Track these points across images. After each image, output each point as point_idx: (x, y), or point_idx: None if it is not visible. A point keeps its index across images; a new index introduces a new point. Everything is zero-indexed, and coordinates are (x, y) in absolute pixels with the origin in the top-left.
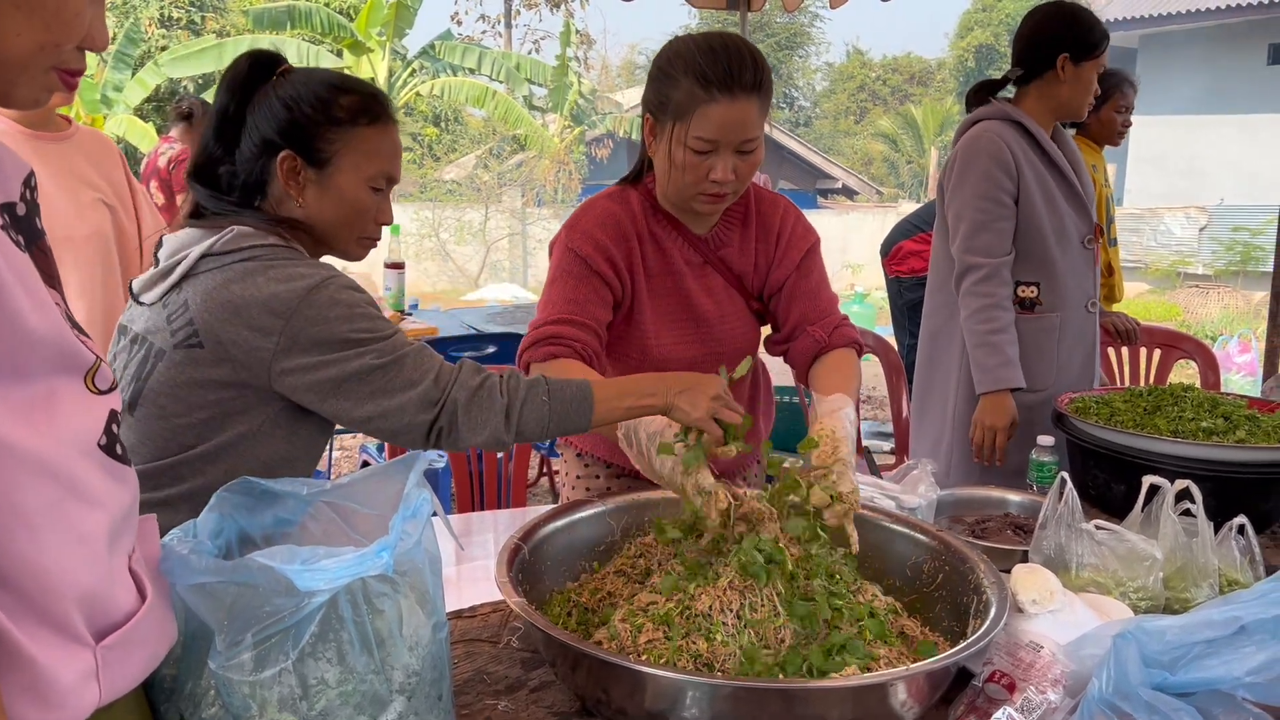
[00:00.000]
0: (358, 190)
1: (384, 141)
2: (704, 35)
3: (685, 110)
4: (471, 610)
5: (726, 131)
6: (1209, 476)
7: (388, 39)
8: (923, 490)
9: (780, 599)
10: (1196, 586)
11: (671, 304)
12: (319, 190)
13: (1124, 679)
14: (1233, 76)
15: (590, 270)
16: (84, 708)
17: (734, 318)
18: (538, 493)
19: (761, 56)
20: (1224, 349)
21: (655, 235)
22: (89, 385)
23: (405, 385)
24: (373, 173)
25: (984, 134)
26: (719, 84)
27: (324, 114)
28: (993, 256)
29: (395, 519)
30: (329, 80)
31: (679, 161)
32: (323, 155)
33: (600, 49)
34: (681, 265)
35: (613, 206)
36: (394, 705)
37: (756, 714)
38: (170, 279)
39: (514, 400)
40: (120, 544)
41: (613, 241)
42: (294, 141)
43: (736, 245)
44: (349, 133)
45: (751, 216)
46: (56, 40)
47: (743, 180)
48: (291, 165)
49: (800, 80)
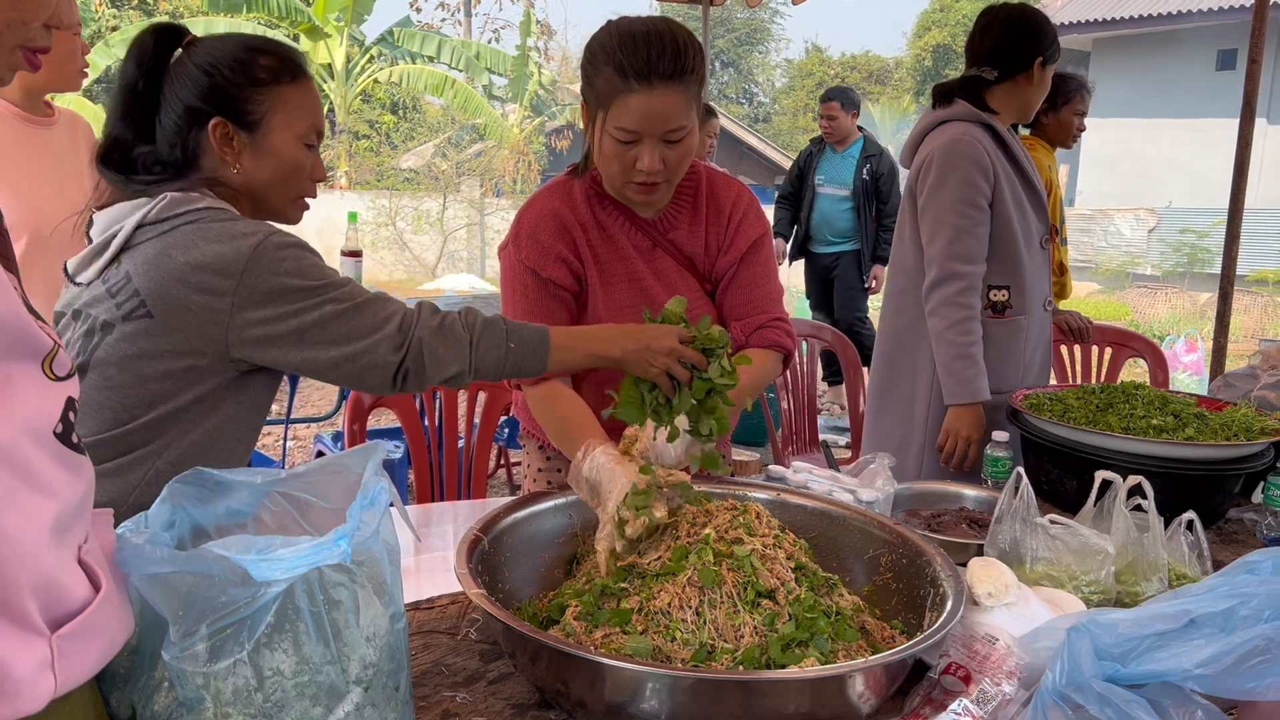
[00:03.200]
0: (292, 148)
1: (307, 97)
2: (629, 21)
3: (606, 100)
4: (430, 602)
5: (646, 122)
6: (1160, 473)
7: (345, 24)
8: (880, 484)
9: (740, 599)
10: (1147, 580)
11: (623, 291)
12: (254, 153)
13: (1077, 671)
14: (1182, 81)
15: (541, 280)
16: (39, 698)
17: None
18: (495, 484)
19: (690, 41)
20: (1171, 348)
21: (601, 222)
22: (46, 371)
23: (370, 329)
24: (303, 129)
25: (963, 138)
26: (636, 74)
27: (246, 76)
28: (974, 264)
29: (353, 508)
30: (243, 43)
31: (606, 151)
32: (252, 117)
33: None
34: (630, 250)
35: (551, 202)
36: (351, 696)
37: (715, 705)
38: (107, 254)
39: (474, 336)
40: (70, 535)
41: (556, 238)
42: (221, 107)
43: (686, 227)
44: (274, 92)
45: (702, 198)
46: (24, 17)
47: (674, 169)
48: (224, 131)
49: (760, 76)
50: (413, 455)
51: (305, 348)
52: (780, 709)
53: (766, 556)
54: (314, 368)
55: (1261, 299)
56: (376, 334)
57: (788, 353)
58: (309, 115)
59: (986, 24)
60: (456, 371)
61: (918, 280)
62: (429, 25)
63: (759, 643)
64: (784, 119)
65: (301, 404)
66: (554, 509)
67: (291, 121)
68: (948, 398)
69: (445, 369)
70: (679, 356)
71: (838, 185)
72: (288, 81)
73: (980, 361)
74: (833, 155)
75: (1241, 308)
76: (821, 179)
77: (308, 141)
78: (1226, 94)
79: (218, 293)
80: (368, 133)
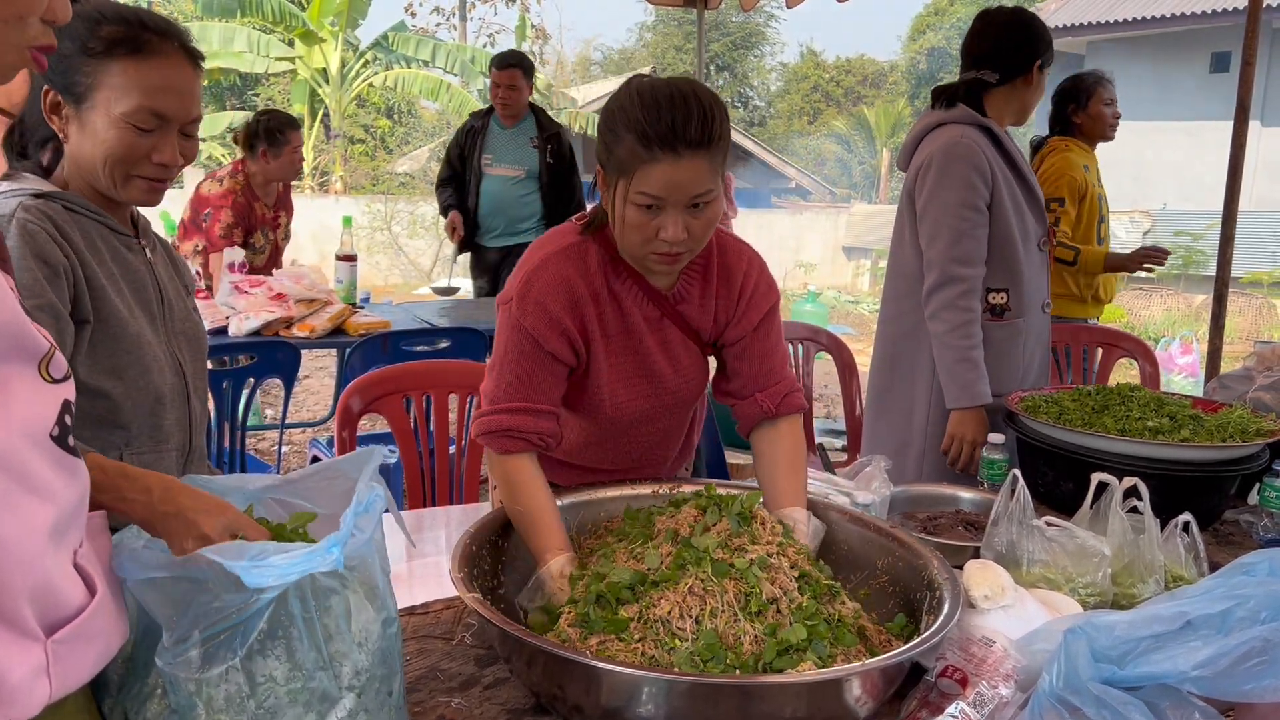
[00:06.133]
0: (113, 127)
1: (146, 75)
2: (651, 85)
3: (628, 168)
4: (424, 607)
5: (671, 190)
6: (1155, 474)
7: (340, 29)
8: (876, 487)
9: (741, 609)
10: (1143, 582)
11: (629, 362)
12: (79, 126)
13: (1074, 673)
14: (1177, 83)
15: (542, 351)
16: (34, 704)
17: (688, 370)
18: (488, 488)
19: (715, 104)
20: (1166, 350)
21: (615, 293)
22: (43, 374)
23: None
24: (129, 108)
25: (962, 140)
26: (660, 142)
27: (79, 46)
28: (974, 266)
29: (347, 514)
30: (95, 10)
31: (627, 220)
32: (78, 90)
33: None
34: (640, 323)
35: (567, 270)
36: (343, 702)
37: (712, 710)
38: None
39: None
40: (67, 539)
41: (565, 311)
42: (53, 77)
43: (697, 300)
44: (103, 65)
45: (713, 270)
46: (19, 12)
47: (697, 238)
48: (54, 101)
49: (755, 80)
50: (404, 460)
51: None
52: (777, 713)
53: (769, 565)
54: None
55: (1256, 301)
56: None
57: (804, 411)
58: (139, 94)
59: (983, 27)
60: None
61: (916, 284)
62: (424, 30)
63: (757, 650)
64: (779, 123)
65: (296, 409)
66: None
67: (116, 99)
68: (950, 401)
69: None
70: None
71: (510, 165)
72: (122, 55)
73: (982, 365)
74: (501, 131)
75: (1236, 309)
76: (490, 158)
77: (137, 122)
78: (1220, 96)
79: None
80: (363, 137)
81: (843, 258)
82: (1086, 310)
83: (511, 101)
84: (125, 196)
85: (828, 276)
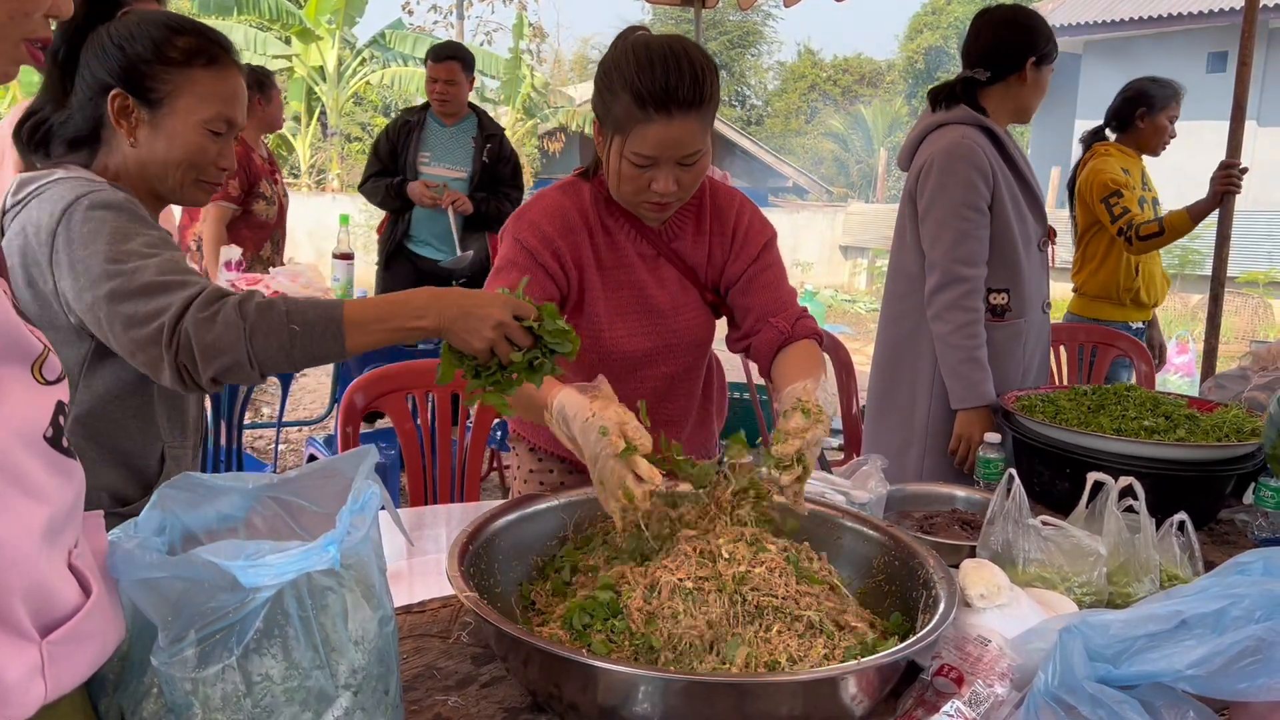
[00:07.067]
0: (192, 132)
1: (222, 85)
2: (645, 43)
3: (623, 126)
4: (421, 605)
5: (664, 149)
6: (1151, 474)
7: (337, 27)
8: (873, 485)
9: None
10: (1139, 581)
11: (625, 296)
12: (151, 130)
13: (1069, 672)
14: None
15: (535, 262)
16: (29, 704)
17: (688, 309)
18: (488, 487)
19: (706, 64)
20: None
21: (607, 227)
22: (36, 375)
23: (151, 315)
24: (208, 115)
25: (963, 140)
26: (655, 103)
27: (157, 54)
28: (977, 267)
29: (343, 512)
30: (165, 21)
31: (621, 172)
32: (155, 95)
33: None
34: (634, 257)
35: (562, 199)
36: (340, 701)
37: (708, 708)
38: None
39: (247, 324)
40: (61, 539)
41: (559, 234)
42: (127, 81)
43: (690, 238)
44: (183, 74)
45: (706, 210)
46: (25, 9)
47: (686, 189)
48: (123, 104)
49: (752, 79)
50: (405, 458)
51: (103, 325)
52: (773, 711)
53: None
54: (119, 350)
55: (1252, 300)
56: (155, 321)
57: (823, 342)
58: (218, 103)
59: (979, 26)
60: (231, 363)
61: (918, 285)
62: (421, 28)
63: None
64: (776, 121)
65: (294, 407)
66: (546, 511)
67: (196, 106)
68: (955, 402)
69: (218, 360)
70: (505, 331)
71: (450, 165)
72: (201, 65)
73: (986, 364)
74: (440, 129)
75: (1233, 309)
76: (427, 156)
77: (212, 128)
78: (1217, 96)
79: (40, 265)
80: (359, 135)
81: (839, 257)
82: (1127, 314)
83: (450, 97)
84: (188, 198)
85: (824, 276)
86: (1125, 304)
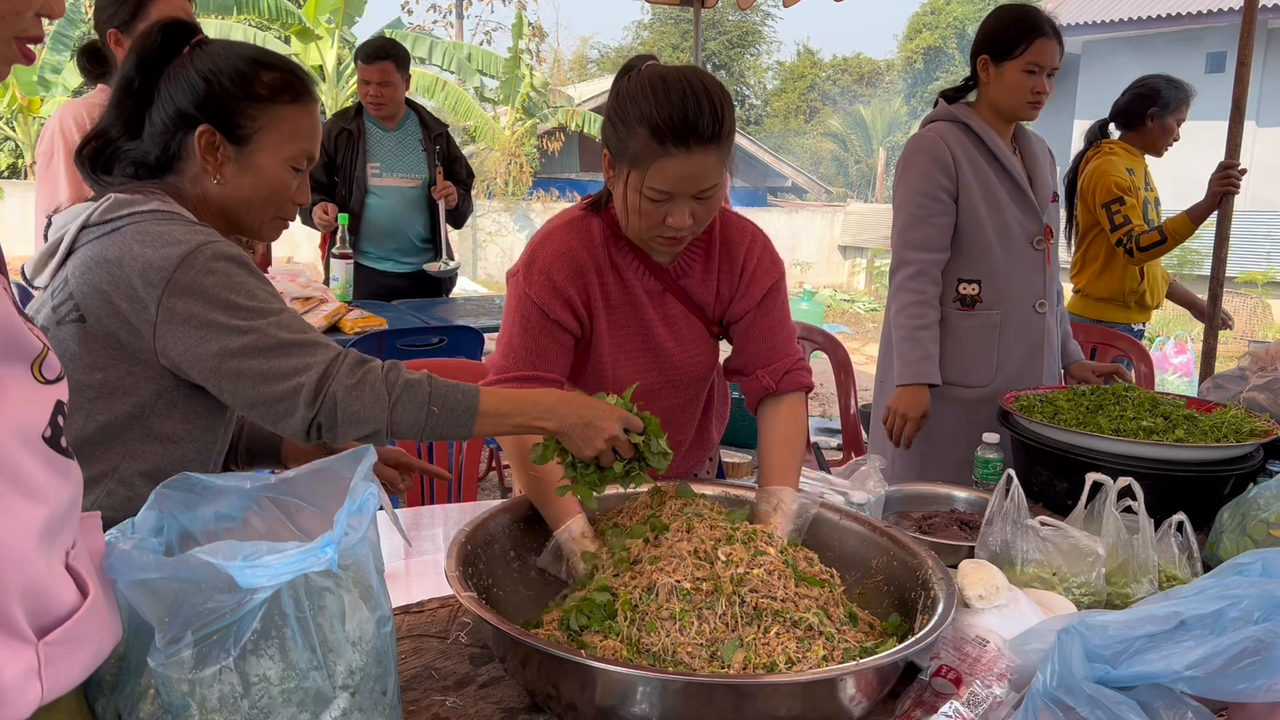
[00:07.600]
0: (278, 170)
1: (306, 121)
2: (661, 75)
3: (640, 161)
4: (419, 605)
5: (683, 184)
6: (1149, 474)
7: (337, 26)
8: (871, 486)
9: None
10: (1137, 582)
11: (629, 334)
12: (238, 167)
13: (1068, 673)
14: None
15: (548, 320)
16: (26, 705)
17: (692, 345)
18: (486, 487)
19: (723, 97)
20: (1161, 350)
21: (616, 265)
22: (36, 374)
23: (289, 373)
24: (294, 152)
25: (926, 135)
26: (674, 138)
27: (245, 90)
28: (927, 252)
29: (340, 513)
30: (250, 55)
31: (635, 207)
32: (243, 132)
33: (553, 42)
34: (642, 295)
35: (570, 241)
36: (337, 702)
37: (706, 709)
38: (56, 257)
39: (393, 396)
40: (59, 540)
41: (569, 280)
42: (213, 116)
43: (699, 275)
44: (271, 110)
45: (715, 244)
46: (18, 8)
47: (700, 224)
48: (210, 140)
49: (751, 79)
50: None
51: (224, 379)
52: (771, 712)
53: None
54: (233, 401)
55: (1251, 300)
56: (294, 379)
57: (810, 389)
58: (303, 139)
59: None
60: (372, 430)
61: None
62: (420, 27)
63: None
64: (775, 121)
65: None
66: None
67: (282, 143)
68: (895, 377)
69: (359, 427)
70: (615, 444)
71: (404, 175)
72: (287, 102)
73: (929, 346)
74: (384, 135)
75: (1231, 309)
76: (377, 166)
77: (296, 165)
78: (1216, 96)
79: (144, 303)
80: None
81: (838, 256)
82: (1130, 316)
83: (386, 100)
84: (265, 234)
85: (823, 275)
86: (1130, 306)
